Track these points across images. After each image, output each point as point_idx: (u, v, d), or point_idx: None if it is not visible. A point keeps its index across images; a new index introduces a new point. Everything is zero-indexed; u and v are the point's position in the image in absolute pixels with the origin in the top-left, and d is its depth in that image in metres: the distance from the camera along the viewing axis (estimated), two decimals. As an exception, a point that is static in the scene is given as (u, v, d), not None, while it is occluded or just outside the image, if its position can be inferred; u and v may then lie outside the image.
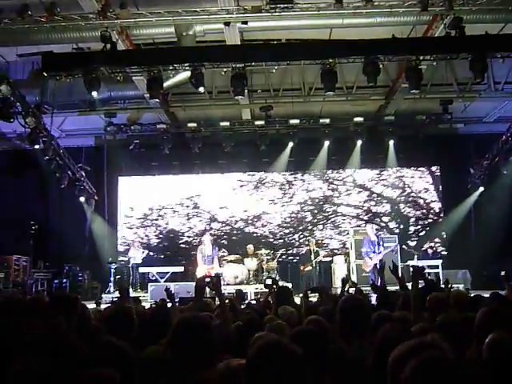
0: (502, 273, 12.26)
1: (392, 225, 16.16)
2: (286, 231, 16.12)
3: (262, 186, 16.41)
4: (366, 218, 16.15)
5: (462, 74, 12.42)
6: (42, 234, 14.59)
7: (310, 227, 16.14)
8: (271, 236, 15.99)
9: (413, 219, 16.14)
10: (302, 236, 15.98)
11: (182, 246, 16.03)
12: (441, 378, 1.60)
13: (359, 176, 16.31)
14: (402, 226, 16.09)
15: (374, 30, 10.74)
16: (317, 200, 16.29)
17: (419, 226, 16.13)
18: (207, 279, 4.00)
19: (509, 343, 2.25)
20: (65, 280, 13.69)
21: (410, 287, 4.50)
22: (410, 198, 16.30)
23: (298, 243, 15.93)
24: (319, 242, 14.34)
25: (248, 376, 1.86)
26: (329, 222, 16.17)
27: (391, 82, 13.45)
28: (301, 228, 16.15)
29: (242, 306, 6.50)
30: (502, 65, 11.22)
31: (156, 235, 16.28)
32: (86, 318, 3.48)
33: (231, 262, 13.52)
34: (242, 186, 16.39)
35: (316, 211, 16.23)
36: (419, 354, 1.72)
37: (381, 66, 10.53)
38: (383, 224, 16.12)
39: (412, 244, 15.45)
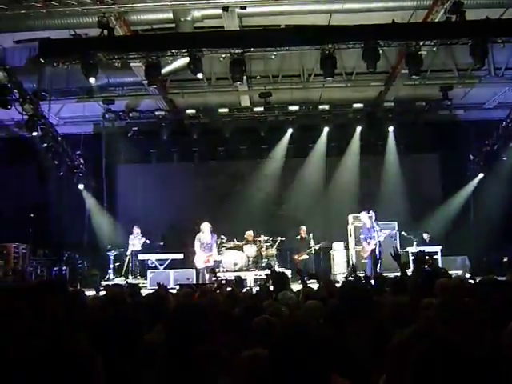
0: (505, 259, 12.27)
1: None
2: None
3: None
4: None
5: (462, 59, 12.35)
6: (41, 221, 14.59)
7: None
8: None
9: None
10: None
11: (181, 233, 15.99)
12: (451, 360, 1.59)
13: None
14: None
15: (374, 15, 10.64)
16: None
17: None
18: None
19: None
20: (64, 267, 13.69)
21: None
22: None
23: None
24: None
25: (273, 357, 1.85)
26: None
27: (391, 67, 13.36)
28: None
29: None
30: (503, 50, 11.15)
31: (156, 222, 16.24)
32: (82, 304, 3.50)
33: (230, 248, 13.52)
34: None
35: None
36: (428, 338, 1.71)
37: (380, 51, 10.48)
38: None
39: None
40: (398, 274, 5.69)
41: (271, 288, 6.01)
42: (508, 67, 12.95)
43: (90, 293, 7.79)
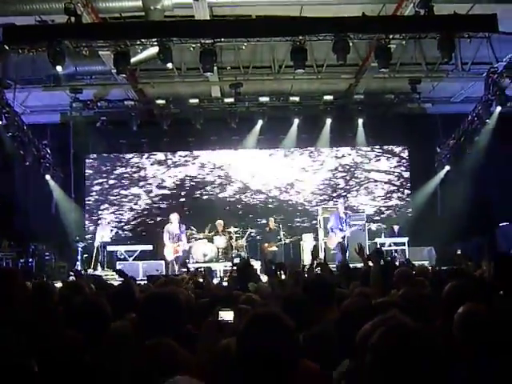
0: (458, 251, 12.53)
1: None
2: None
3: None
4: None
5: (431, 53, 12.50)
6: (6, 212, 14.27)
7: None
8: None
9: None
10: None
11: (151, 224, 15.90)
12: (406, 343, 1.63)
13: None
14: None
15: (345, 7, 10.68)
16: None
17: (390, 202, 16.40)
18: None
19: (481, 315, 2.28)
20: (31, 259, 13.40)
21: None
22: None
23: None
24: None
25: (240, 345, 1.84)
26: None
27: (361, 60, 13.46)
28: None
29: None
30: (470, 46, 11.30)
31: (125, 213, 16.11)
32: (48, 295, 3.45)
33: (200, 239, 13.49)
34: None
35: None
36: (387, 323, 1.75)
37: (351, 44, 10.53)
38: None
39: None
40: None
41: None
42: (474, 62, 13.16)
43: (57, 285, 7.66)
